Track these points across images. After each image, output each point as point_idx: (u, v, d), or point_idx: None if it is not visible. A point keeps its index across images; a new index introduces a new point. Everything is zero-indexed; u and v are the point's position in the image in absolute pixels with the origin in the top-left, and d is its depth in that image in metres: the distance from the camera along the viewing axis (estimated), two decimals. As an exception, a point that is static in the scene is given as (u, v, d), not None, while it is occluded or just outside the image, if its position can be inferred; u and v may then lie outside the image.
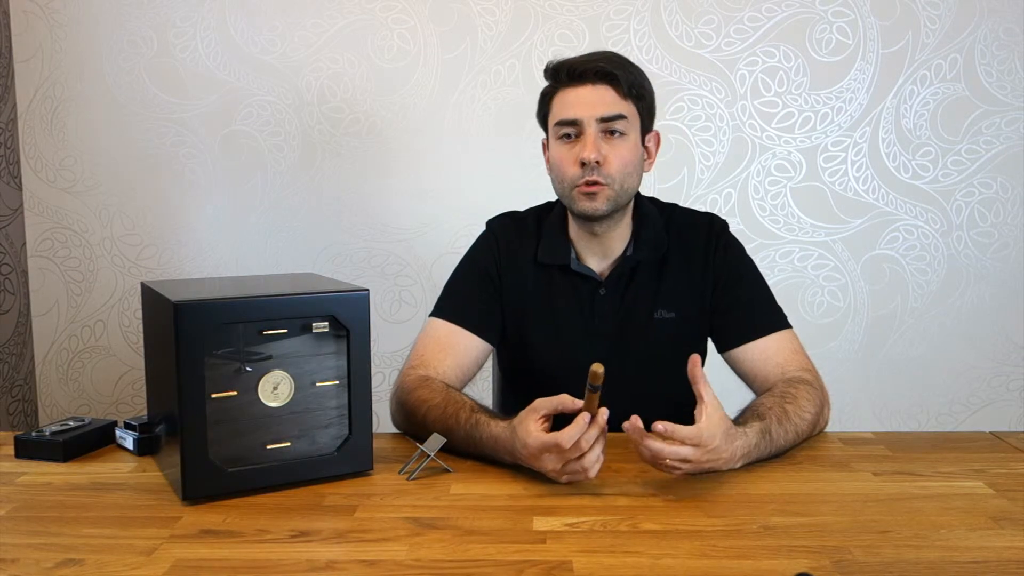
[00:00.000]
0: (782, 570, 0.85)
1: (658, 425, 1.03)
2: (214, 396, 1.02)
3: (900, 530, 0.95)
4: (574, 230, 1.41)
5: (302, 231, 2.26)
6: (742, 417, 1.19)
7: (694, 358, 1.07)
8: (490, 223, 1.49)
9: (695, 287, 1.40)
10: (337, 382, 1.10)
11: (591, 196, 1.30)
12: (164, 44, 2.19)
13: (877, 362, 2.29)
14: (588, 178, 1.29)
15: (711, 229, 1.41)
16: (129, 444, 1.22)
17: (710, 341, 1.44)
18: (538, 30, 2.18)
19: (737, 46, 2.18)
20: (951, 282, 2.26)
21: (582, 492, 1.06)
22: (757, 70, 2.19)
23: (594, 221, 1.35)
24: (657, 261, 1.40)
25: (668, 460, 1.05)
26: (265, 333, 1.05)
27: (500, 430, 1.12)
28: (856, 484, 1.09)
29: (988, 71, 2.18)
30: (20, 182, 2.24)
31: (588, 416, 1.03)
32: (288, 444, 1.08)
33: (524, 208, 1.51)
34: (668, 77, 2.19)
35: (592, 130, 1.29)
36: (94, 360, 2.31)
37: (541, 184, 1.43)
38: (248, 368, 1.05)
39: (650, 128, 1.37)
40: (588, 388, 1.02)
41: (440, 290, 1.44)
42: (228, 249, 2.27)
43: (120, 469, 1.16)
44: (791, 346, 1.35)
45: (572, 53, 1.36)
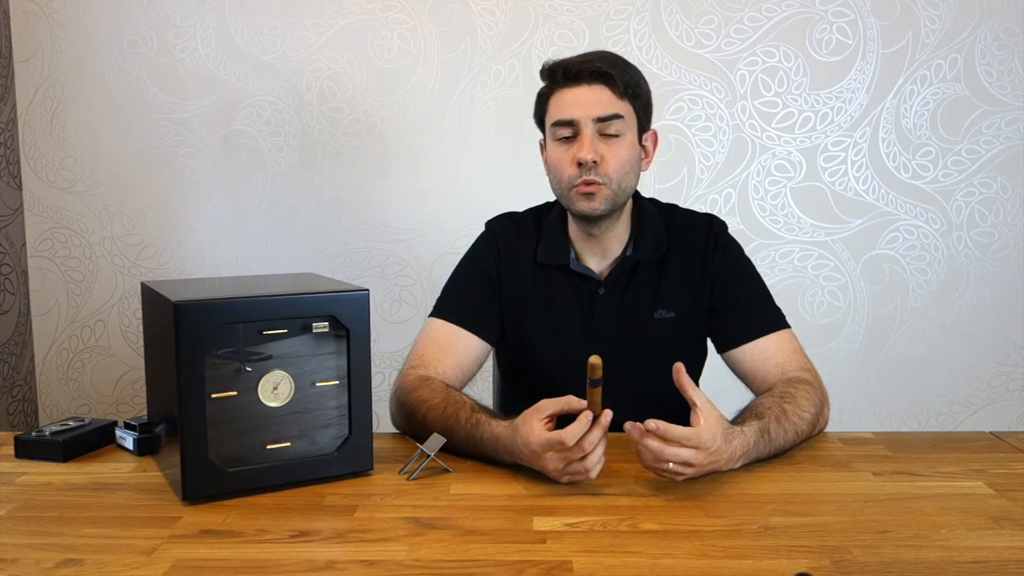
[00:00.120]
0: (782, 570, 0.85)
1: (650, 423, 1.03)
2: (214, 396, 1.02)
3: (900, 530, 0.95)
4: (573, 230, 1.41)
5: (302, 231, 2.26)
6: (741, 417, 1.19)
7: (677, 366, 1.06)
8: (489, 224, 1.49)
9: (694, 287, 1.40)
10: (337, 382, 1.10)
11: (589, 196, 1.30)
12: (164, 44, 2.19)
13: (877, 362, 2.29)
14: (585, 178, 1.29)
15: (710, 230, 1.41)
16: (129, 444, 1.22)
17: (709, 341, 1.44)
18: (538, 30, 2.18)
19: (737, 46, 2.18)
20: (951, 282, 2.26)
21: (582, 492, 1.06)
22: (757, 70, 2.19)
23: (592, 221, 1.35)
24: (657, 261, 1.40)
25: (671, 464, 1.04)
26: (265, 333, 1.05)
27: (501, 429, 1.12)
28: (856, 484, 1.09)
29: (988, 71, 2.18)
30: (20, 182, 2.24)
31: (591, 414, 1.03)
32: (288, 444, 1.08)
33: (524, 208, 1.51)
34: (668, 77, 2.19)
35: (589, 130, 1.29)
36: (94, 360, 2.31)
37: (541, 184, 1.43)
38: (248, 368, 1.05)
39: (647, 127, 1.37)
40: (588, 383, 1.02)
41: (440, 290, 1.44)
42: (228, 249, 2.27)
43: (120, 469, 1.16)
44: (790, 346, 1.35)
45: (572, 53, 1.36)
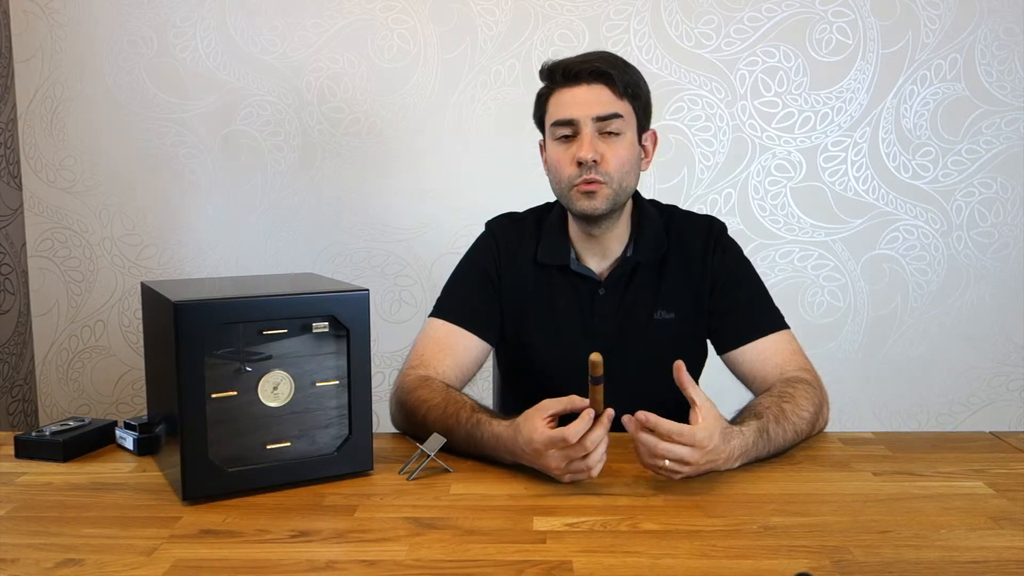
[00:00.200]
0: (782, 570, 0.85)
1: (640, 415, 1.03)
2: (214, 396, 1.02)
3: (900, 530, 0.95)
4: (574, 230, 1.41)
5: (302, 231, 2.26)
6: (740, 417, 1.19)
7: (678, 364, 1.06)
8: (489, 224, 1.49)
9: (694, 288, 1.40)
10: (337, 382, 1.10)
11: (590, 195, 1.30)
12: (164, 44, 2.19)
13: (877, 362, 2.29)
14: (586, 176, 1.29)
15: (710, 231, 1.42)
16: (129, 444, 1.22)
17: (709, 343, 1.44)
18: (538, 30, 2.18)
19: (737, 46, 2.18)
20: (951, 282, 2.26)
21: (582, 492, 1.06)
22: (757, 70, 2.19)
23: (593, 221, 1.35)
24: (657, 262, 1.40)
25: (667, 462, 1.05)
26: (265, 333, 1.05)
27: (502, 429, 1.12)
28: (856, 484, 1.09)
29: (988, 71, 2.18)
30: (20, 182, 2.24)
31: (593, 412, 1.03)
32: (288, 444, 1.08)
33: (523, 208, 1.51)
34: (668, 77, 2.19)
35: (588, 130, 1.29)
36: (94, 360, 2.31)
37: (541, 184, 1.43)
38: (248, 368, 1.05)
39: (647, 127, 1.37)
40: (590, 380, 1.02)
41: (440, 290, 1.44)
42: (228, 249, 2.27)
43: (120, 469, 1.16)
44: (789, 347, 1.35)
45: (572, 53, 1.36)
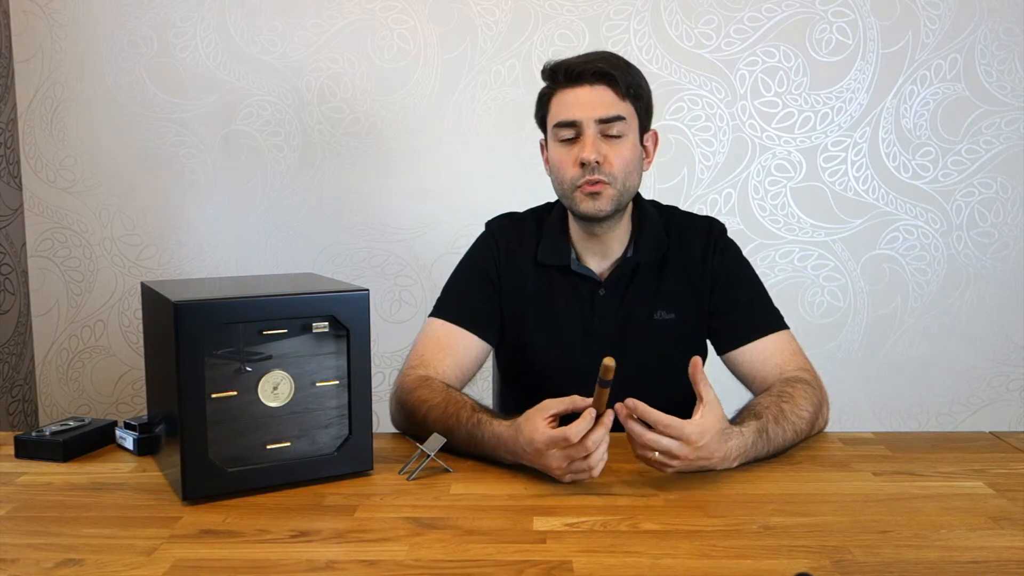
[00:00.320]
0: (782, 570, 0.85)
1: (628, 402, 1.04)
2: (214, 396, 1.02)
3: (900, 530, 0.95)
4: (574, 230, 1.41)
5: (302, 231, 2.26)
6: (739, 417, 1.19)
7: (695, 360, 1.08)
8: (489, 224, 1.49)
9: (694, 289, 1.40)
10: (337, 382, 1.10)
11: (594, 196, 1.30)
12: (164, 44, 2.19)
13: (877, 362, 2.29)
14: (589, 177, 1.29)
15: (710, 232, 1.42)
16: (129, 444, 1.22)
17: (709, 343, 1.44)
18: (538, 30, 2.18)
19: (737, 46, 2.18)
20: (951, 282, 2.26)
21: (582, 492, 1.06)
22: (757, 70, 2.19)
23: (596, 222, 1.35)
24: (657, 262, 1.40)
25: (657, 455, 1.05)
26: (265, 333, 1.05)
27: (503, 429, 1.12)
28: (856, 484, 1.09)
29: (988, 71, 2.18)
30: (20, 182, 2.24)
31: (594, 412, 1.03)
32: (288, 444, 1.08)
33: (523, 208, 1.51)
34: (668, 77, 2.19)
35: (591, 131, 1.29)
36: (94, 360, 2.31)
37: (541, 184, 1.43)
38: (248, 368, 1.05)
39: (648, 127, 1.37)
40: (598, 382, 1.02)
41: (440, 290, 1.44)
42: (228, 249, 2.27)
43: (120, 469, 1.16)
44: (789, 347, 1.35)
45: (572, 53, 1.36)
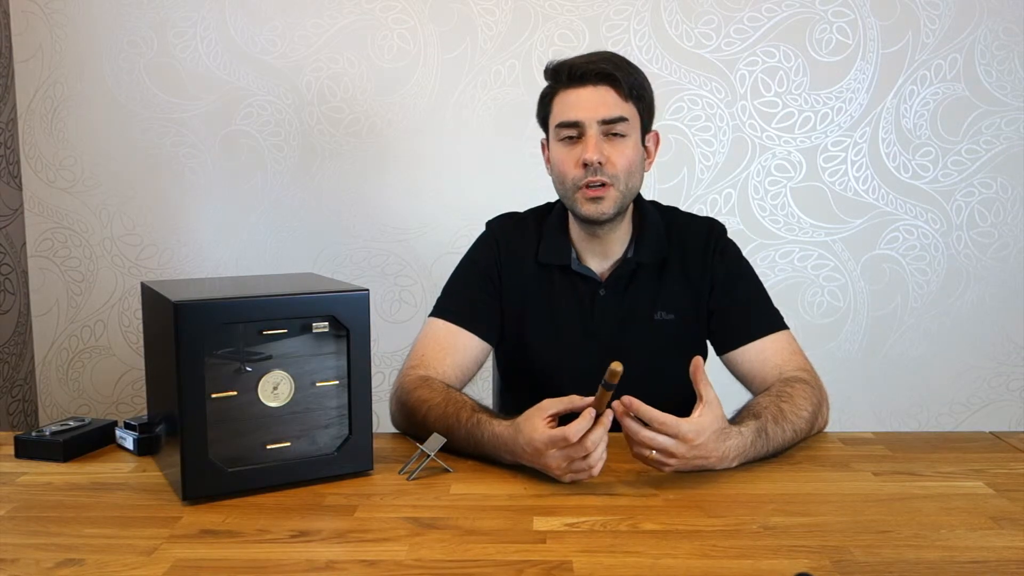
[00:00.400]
0: (782, 570, 0.85)
1: (625, 399, 1.04)
2: (214, 396, 1.02)
3: (900, 530, 0.95)
4: (575, 230, 1.41)
5: (302, 231, 2.26)
6: (738, 417, 1.19)
7: (696, 359, 1.08)
8: (490, 224, 1.49)
9: (694, 289, 1.40)
10: (337, 382, 1.10)
11: (596, 200, 1.30)
12: (164, 44, 2.19)
13: (877, 362, 2.29)
14: (591, 179, 1.29)
15: (710, 233, 1.42)
16: (129, 444, 1.22)
17: (709, 344, 1.44)
18: (538, 30, 2.17)
19: (737, 46, 2.18)
20: (951, 282, 2.26)
21: (582, 492, 1.06)
22: (757, 70, 2.19)
23: (598, 223, 1.35)
24: (657, 263, 1.40)
25: (653, 454, 1.05)
26: (265, 333, 1.05)
27: (502, 429, 1.12)
28: (856, 484, 1.09)
29: (988, 71, 2.18)
30: (20, 182, 2.24)
31: (594, 412, 1.03)
32: (288, 444, 1.08)
33: (523, 208, 1.51)
34: (668, 77, 2.19)
35: (594, 132, 1.29)
36: (94, 360, 2.31)
37: (541, 184, 1.43)
38: (248, 368, 1.05)
39: (649, 128, 1.37)
40: (603, 384, 1.02)
41: (440, 290, 1.44)
42: (228, 249, 2.27)
43: (120, 469, 1.16)
44: (788, 347, 1.35)
45: (572, 53, 1.36)
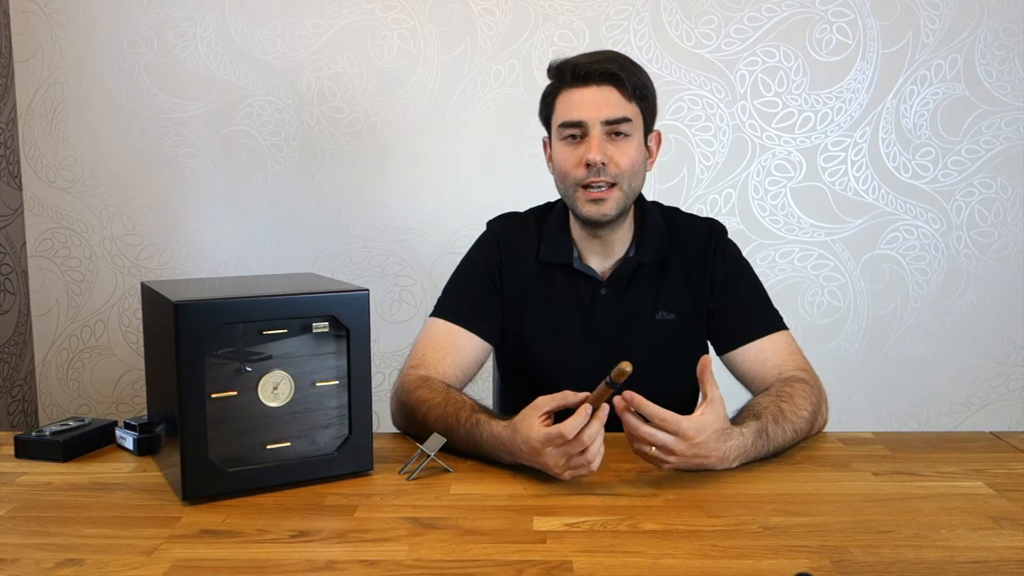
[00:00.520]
0: (782, 570, 0.85)
1: (626, 394, 1.04)
2: (214, 396, 1.02)
3: (900, 530, 0.95)
4: (576, 230, 1.41)
5: (302, 231, 2.26)
6: (738, 417, 1.19)
7: (705, 358, 1.08)
8: (491, 223, 1.49)
9: (694, 289, 1.40)
10: (337, 382, 1.10)
11: (598, 202, 1.30)
12: (164, 44, 2.19)
13: (877, 362, 2.29)
14: (594, 179, 1.29)
15: (711, 233, 1.42)
16: (129, 444, 1.22)
17: (710, 344, 1.44)
18: (538, 30, 2.17)
19: (737, 46, 2.18)
20: (951, 282, 2.26)
21: (582, 492, 1.06)
22: (757, 70, 2.19)
23: (599, 226, 1.35)
24: (658, 263, 1.40)
25: (653, 450, 1.06)
26: (265, 333, 1.05)
27: (501, 429, 1.12)
28: (856, 484, 1.09)
29: (988, 71, 2.18)
30: (20, 182, 2.24)
31: (590, 407, 1.03)
32: (288, 444, 1.08)
33: (524, 208, 1.51)
34: (668, 77, 2.19)
35: (597, 132, 1.29)
36: (94, 360, 2.31)
37: (541, 184, 1.43)
38: (248, 368, 1.05)
39: (652, 128, 1.38)
40: (607, 382, 1.02)
41: (440, 290, 1.44)
42: (228, 249, 2.27)
43: (120, 469, 1.16)
44: (788, 347, 1.35)
45: (572, 53, 1.36)
